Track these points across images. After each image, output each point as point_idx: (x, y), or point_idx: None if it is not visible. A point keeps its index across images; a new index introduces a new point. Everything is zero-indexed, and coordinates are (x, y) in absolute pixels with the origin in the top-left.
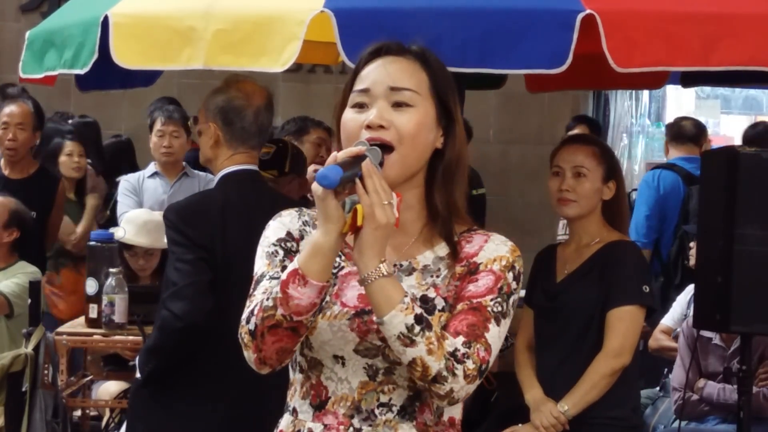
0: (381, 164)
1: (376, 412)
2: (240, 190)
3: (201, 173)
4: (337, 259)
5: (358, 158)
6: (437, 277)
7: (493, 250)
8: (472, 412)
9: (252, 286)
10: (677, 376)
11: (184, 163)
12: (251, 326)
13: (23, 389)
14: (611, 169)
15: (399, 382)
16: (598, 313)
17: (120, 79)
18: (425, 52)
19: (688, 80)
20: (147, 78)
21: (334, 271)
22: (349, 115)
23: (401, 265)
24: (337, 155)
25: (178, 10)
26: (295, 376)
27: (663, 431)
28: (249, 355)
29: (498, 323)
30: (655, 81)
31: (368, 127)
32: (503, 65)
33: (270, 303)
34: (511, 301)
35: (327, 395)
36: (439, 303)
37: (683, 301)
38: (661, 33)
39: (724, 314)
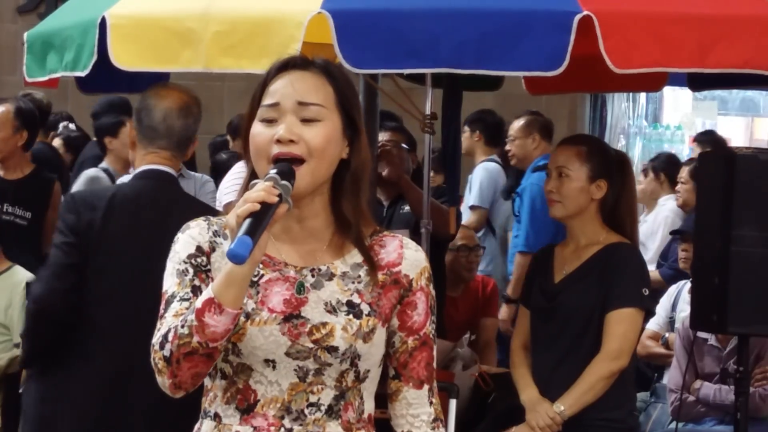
0: (293, 186)
1: (306, 411)
2: (138, 186)
3: (197, 174)
4: (257, 268)
5: (269, 207)
6: (359, 283)
7: (414, 259)
8: (468, 412)
9: (162, 306)
10: (673, 377)
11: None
12: (166, 353)
13: (20, 390)
14: (599, 169)
15: (327, 382)
16: (597, 314)
17: (127, 83)
18: (329, 66)
19: (696, 83)
20: (150, 83)
21: (255, 279)
22: (258, 129)
23: (320, 270)
24: (243, 211)
25: (176, 11)
26: (215, 383)
27: None
28: (163, 381)
29: (435, 342)
30: (654, 83)
31: (278, 141)
32: (500, 67)
33: (185, 331)
34: (435, 311)
35: (256, 398)
36: (365, 308)
37: (667, 304)
38: (658, 34)
39: (721, 315)
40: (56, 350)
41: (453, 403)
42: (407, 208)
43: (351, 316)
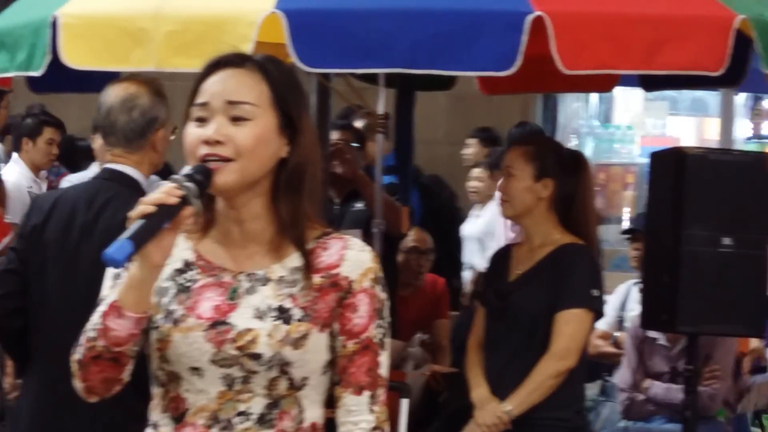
0: (205, 186)
1: (235, 421)
2: (87, 186)
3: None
4: (191, 272)
5: (168, 209)
6: (294, 287)
7: (357, 260)
8: (420, 412)
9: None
10: (623, 376)
11: None
12: (78, 356)
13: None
14: (546, 168)
15: (256, 390)
16: (547, 315)
17: (77, 82)
18: (266, 63)
19: (648, 84)
20: (103, 83)
21: (188, 284)
22: (189, 130)
23: (255, 275)
24: (135, 213)
25: (128, 10)
26: (156, 391)
27: (609, 431)
28: (77, 384)
29: (384, 349)
30: (605, 83)
31: (206, 142)
32: (453, 67)
33: (93, 334)
34: (386, 315)
35: (186, 407)
36: (297, 313)
37: (615, 303)
38: (609, 35)
39: (672, 314)
40: (17, 349)
41: (404, 403)
42: (359, 206)
43: (279, 322)
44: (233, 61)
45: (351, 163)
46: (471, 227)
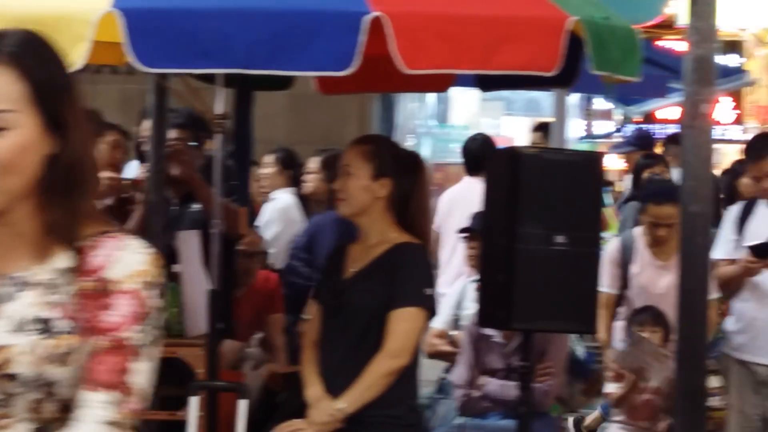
0: None
1: None
2: None
3: None
4: None
5: None
6: (61, 293)
7: (128, 262)
8: (258, 412)
9: None
10: (459, 373)
11: None
12: None
13: None
14: (384, 168)
15: (19, 415)
16: (382, 313)
17: None
18: (22, 53)
19: (485, 84)
20: None
21: None
22: None
23: (13, 278)
24: None
25: None
26: None
27: (445, 428)
28: None
29: (146, 357)
30: (442, 83)
31: None
32: (291, 67)
33: None
34: (156, 324)
35: None
36: (63, 325)
37: (451, 302)
38: (447, 35)
39: (507, 312)
40: None
41: (243, 404)
42: (196, 207)
43: (42, 336)
44: None
45: (187, 164)
46: None
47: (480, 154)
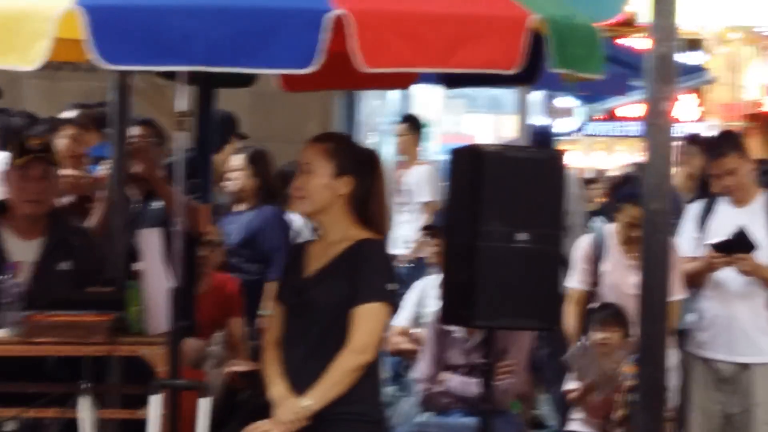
0: None
1: None
2: None
3: None
4: None
5: None
6: None
7: None
8: (221, 411)
9: None
10: (422, 369)
11: None
12: None
13: None
14: (345, 165)
15: None
16: (345, 309)
17: None
18: None
19: (448, 81)
20: None
21: None
22: None
23: None
24: None
25: None
26: None
27: (407, 425)
28: None
29: None
30: (404, 81)
31: None
32: (254, 65)
33: None
34: None
35: None
36: None
37: (413, 299)
38: (408, 33)
39: (469, 309)
40: None
41: (204, 402)
42: (158, 204)
43: None
44: None
45: (149, 162)
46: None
47: None
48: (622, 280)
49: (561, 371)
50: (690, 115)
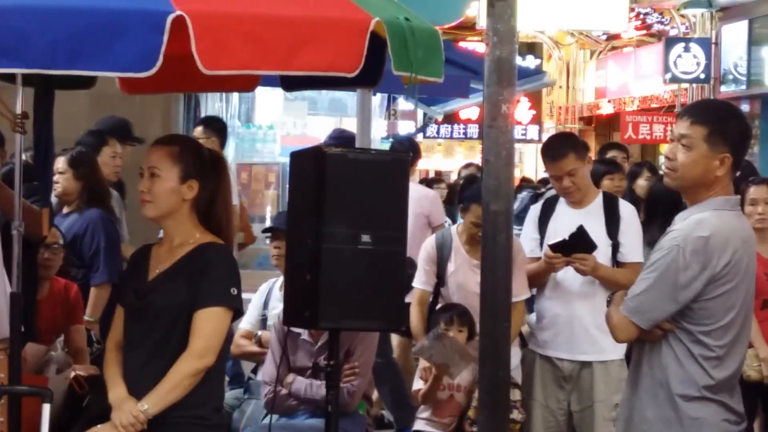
0: None
1: None
2: None
3: None
4: None
5: None
6: None
7: None
8: (63, 416)
9: None
10: (268, 371)
11: None
12: None
13: None
14: (191, 169)
15: None
16: (186, 313)
17: None
18: None
19: (288, 84)
20: None
21: None
22: None
23: None
24: None
25: None
26: None
27: (253, 428)
28: None
29: None
30: (247, 83)
31: None
32: (93, 67)
33: None
34: None
35: None
36: None
37: (258, 302)
38: (249, 36)
39: (313, 311)
40: None
41: (47, 408)
42: None
43: None
44: None
45: None
46: None
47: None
48: (467, 279)
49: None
50: (525, 117)
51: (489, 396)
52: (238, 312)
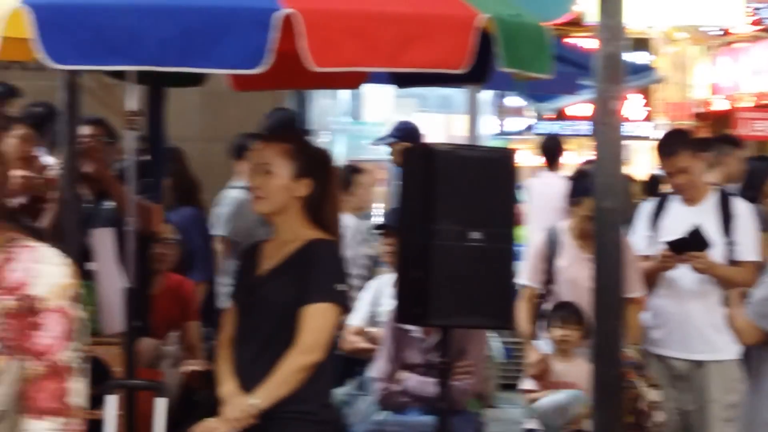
0: None
1: None
2: None
3: None
4: None
5: None
6: None
7: (50, 276)
8: (176, 411)
9: None
10: (379, 367)
11: None
12: None
13: None
14: (304, 167)
15: None
16: (295, 309)
17: None
18: None
19: (400, 80)
20: None
21: None
22: None
23: None
24: None
25: None
26: None
27: (365, 424)
28: None
29: (78, 375)
30: (355, 80)
31: None
32: (203, 64)
33: None
34: (81, 334)
35: None
36: None
37: (368, 299)
38: (357, 33)
39: (424, 308)
40: None
41: (161, 402)
42: (110, 204)
43: None
44: None
45: (100, 162)
46: None
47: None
48: (579, 274)
49: None
50: (637, 115)
51: (602, 394)
52: (345, 308)
